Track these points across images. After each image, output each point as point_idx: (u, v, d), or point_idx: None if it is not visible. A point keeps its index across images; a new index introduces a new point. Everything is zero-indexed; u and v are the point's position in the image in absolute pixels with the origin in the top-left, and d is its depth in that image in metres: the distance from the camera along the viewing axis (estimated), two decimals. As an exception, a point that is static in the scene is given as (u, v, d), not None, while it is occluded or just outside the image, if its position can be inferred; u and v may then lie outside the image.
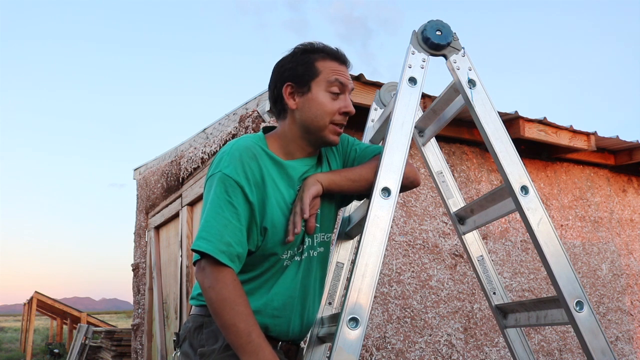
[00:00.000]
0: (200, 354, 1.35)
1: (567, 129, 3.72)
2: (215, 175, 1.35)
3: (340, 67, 1.45)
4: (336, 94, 1.42)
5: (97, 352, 10.12)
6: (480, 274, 1.76)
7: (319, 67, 1.43)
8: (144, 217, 5.65)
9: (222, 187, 1.32)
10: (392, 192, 1.34)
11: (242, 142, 1.39)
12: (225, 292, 1.25)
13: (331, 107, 1.41)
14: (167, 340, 4.78)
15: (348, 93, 1.45)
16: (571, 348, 3.77)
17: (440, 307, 3.32)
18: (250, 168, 1.35)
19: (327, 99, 1.41)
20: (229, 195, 1.31)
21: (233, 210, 1.30)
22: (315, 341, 1.56)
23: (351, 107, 1.44)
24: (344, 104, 1.43)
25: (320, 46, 1.46)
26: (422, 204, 3.44)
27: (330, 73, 1.43)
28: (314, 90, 1.42)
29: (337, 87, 1.42)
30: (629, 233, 4.38)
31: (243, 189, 1.32)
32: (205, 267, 1.28)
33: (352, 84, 1.47)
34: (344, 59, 1.48)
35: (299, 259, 1.44)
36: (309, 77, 1.43)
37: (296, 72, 1.44)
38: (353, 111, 1.43)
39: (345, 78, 1.45)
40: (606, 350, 1.25)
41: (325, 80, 1.42)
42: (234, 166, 1.33)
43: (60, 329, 17.22)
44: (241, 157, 1.35)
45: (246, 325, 1.23)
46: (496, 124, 1.46)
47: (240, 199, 1.31)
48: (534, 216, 1.36)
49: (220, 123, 3.71)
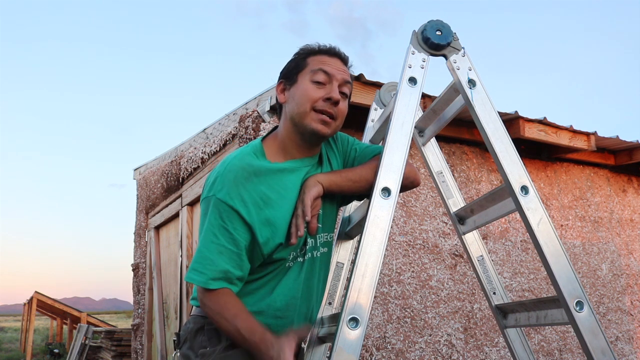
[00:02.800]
0: (202, 354, 1.35)
1: (567, 129, 3.72)
2: (209, 199, 1.34)
3: (329, 60, 1.43)
4: (320, 83, 1.40)
5: (97, 352, 10.12)
6: (480, 274, 1.76)
7: (308, 61, 1.43)
8: (144, 217, 5.64)
9: (217, 213, 1.31)
10: (392, 192, 1.34)
11: (236, 162, 1.37)
12: (226, 314, 1.29)
13: (313, 93, 1.39)
14: (167, 340, 4.78)
15: (337, 83, 1.41)
16: (571, 348, 3.77)
17: (440, 307, 3.32)
18: (246, 189, 1.33)
19: (310, 86, 1.40)
20: (223, 221, 1.30)
21: (228, 236, 1.30)
22: (315, 341, 1.56)
23: (335, 93, 1.39)
24: (327, 91, 1.39)
25: (316, 45, 1.46)
26: (422, 204, 3.44)
27: (316, 64, 1.42)
28: (299, 81, 1.42)
29: (322, 75, 1.40)
30: (629, 233, 4.38)
31: (239, 213, 1.31)
32: (202, 297, 1.33)
33: (343, 76, 1.43)
34: (335, 51, 1.45)
35: (302, 260, 1.44)
36: (297, 71, 1.44)
37: (288, 69, 1.46)
38: (336, 97, 1.39)
39: (333, 68, 1.42)
40: (606, 350, 1.25)
41: (310, 71, 1.42)
42: (227, 190, 1.32)
43: (60, 329, 17.21)
44: (235, 179, 1.33)
45: (247, 324, 1.27)
46: (496, 124, 1.46)
47: (236, 223, 1.31)
48: (534, 216, 1.36)
49: (221, 123, 3.71)
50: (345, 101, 1.45)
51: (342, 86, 1.42)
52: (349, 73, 1.47)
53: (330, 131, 1.41)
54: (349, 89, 1.45)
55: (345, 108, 1.44)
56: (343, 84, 1.43)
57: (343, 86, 1.43)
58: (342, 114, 1.44)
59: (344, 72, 1.44)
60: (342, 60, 1.46)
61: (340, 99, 1.41)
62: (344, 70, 1.44)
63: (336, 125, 1.43)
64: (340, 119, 1.43)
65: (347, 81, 1.44)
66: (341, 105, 1.42)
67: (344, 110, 1.44)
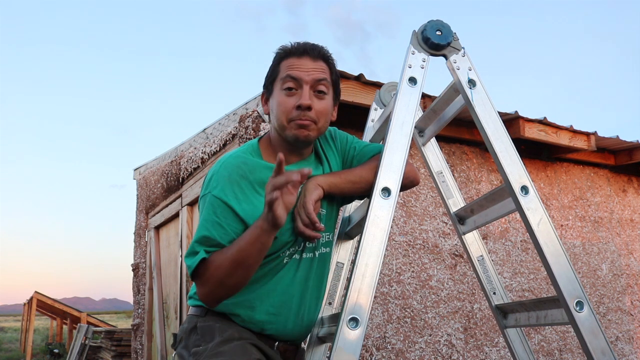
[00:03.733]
0: (194, 353, 1.35)
1: (567, 129, 3.72)
2: (205, 196, 1.36)
3: (297, 62, 1.38)
4: (291, 90, 1.36)
5: (97, 352, 10.12)
6: (480, 274, 1.76)
7: (280, 67, 1.40)
8: (144, 217, 5.64)
9: (211, 209, 1.32)
10: (392, 192, 1.34)
11: (231, 161, 1.38)
12: (220, 274, 1.27)
13: (285, 105, 1.36)
14: (167, 340, 4.79)
15: (307, 86, 1.36)
16: (571, 348, 3.77)
17: (440, 307, 3.32)
18: (240, 186, 1.34)
19: (282, 97, 1.37)
20: (217, 216, 1.31)
21: (222, 231, 1.31)
22: (315, 341, 1.56)
23: (304, 100, 1.34)
24: (298, 99, 1.35)
25: (288, 46, 1.42)
26: (422, 204, 3.44)
27: (284, 70, 1.38)
28: (274, 91, 1.41)
29: (290, 82, 1.37)
30: (629, 233, 4.38)
31: (232, 209, 1.32)
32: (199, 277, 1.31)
33: (313, 76, 1.37)
34: (302, 50, 1.39)
35: (299, 258, 1.43)
36: (272, 79, 1.42)
37: (266, 77, 1.45)
38: (305, 104, 1.34)
39: (301, 71, 1.37)
40: (606, 350, 1.25)
41: (280, 79, 1.39)
42: (222, 187, 1.33)
43: (60, 329, 17.21)
44: (230, 176, 1.34)
45: (235, 249, 1.26)
46: (496, 124, 1.46)
47: (230, 219, 1.32)
48: (534, 216, 1.36)
49: (220, 123, 3.71)
50: (324, 99, 1.39)
51: (315, 85, 1.37)
52: (324, 67, 1.41)
53: (314, 134, 1.39)
54: (325, 85, 1.39)
55: (324, 107, 1.39)
56: (315, 83, 1.37)
57: (317, 85, 1.38)
58: (323, 114, 1.39)
59: (314, 71, 1.38)
60: (312, 57, 1.39)
61: (314, 101, 1.36)
62: (315, 68, 1.38)
63: (318, 127, 1.39)
64: (322, 119, 1.39)
65: (320, 79, 1.38)
66: (317, 106, 1.37)
67: (322, 109, 1.38)
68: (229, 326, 1.38)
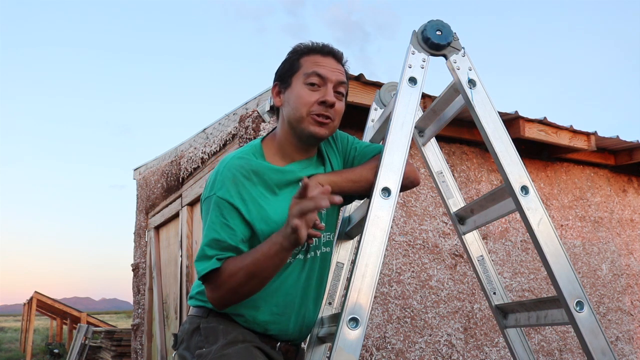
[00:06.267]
0: (198, 355, 1.34)
1: (567, 129, 3.72)
2: (210, 198, 1.35)
3: (322, 60, 1.41)
4: (314, 85, 1.39)
5: (97, 352, 10.12)
6: (480, 274, 1.76)
7: (302, 62, 1.42)
8: (144, 217, 5.64)
9: (218, 211, 1.32)
10: (392, 192, 1.34)
11: (235, 161, 1.38)
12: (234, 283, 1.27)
13: (308, 98, 1.38)
14: (167, 340, 4.78)
15: (331, 84, 1.40)
16: (571, 348, 3.77)
17: (440, 307, 3.32)
18: (245, 188, 1.34)
19: (305, 90, 1.39)
20: (224, 217, 1.31)
21: (230, 232, 1.31)
22: (315, 341, 1.56)
23: (329, 97, 1.38)
24: (322, 94, 1.38)
25: (309, 44, 1.45)
26: (422, 204, 3.44)
27: (309, 66, 1.41)
28: (293, 84, 1.42)
29: (315, 78, 1.39)
30: (629, 233, 4.38)
31: (239, 210, 1.32)
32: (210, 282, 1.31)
33: (337, 76, 1.41)
34: (328, 50, 1.43)
35: (303, 257, 1.44)
36: (291, 73, 1.43)
37: (282, 71, 1.46)
38: (331, 101, 1.38)
39: (327, 69, 1.40)
40: (606, 350, 1.25)
41: (304, 73, 1.40)
42: (227, 188, 1.33)
43: (60, 329, 17.21)
44: (234, 177, 1.34)
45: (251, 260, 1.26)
46: (496, 124, 1.46)
47: (236, 220, 1.32)
48: (534, 216, 1.36)
49: (221, 123, 3.71)
50: (342, 101, 1.44)
51: (337, 86, 1.41)
52: (343, 71, 1.45)
53: (328, 132, 1.41)
54: (344, 88, 1.44)
55: (341, 107, 1.43)
56: (338, 84, 1.41)
57: (338, 86, 1.42)
58: (339, 114, 1.43)
59: (338, 72, 1.42)
60: (336, 58, 1.44)
61: (336, 100, 1.40)
62: (338, 70, 1.42)
63: (334, 126, 1.43)
64: (338, 118, 1.43)
65: (342, 81, 1.43)
66: (337, 105, 1.41)
67: (340, 110, 1.43)
68: (232, 328, 1.38)
